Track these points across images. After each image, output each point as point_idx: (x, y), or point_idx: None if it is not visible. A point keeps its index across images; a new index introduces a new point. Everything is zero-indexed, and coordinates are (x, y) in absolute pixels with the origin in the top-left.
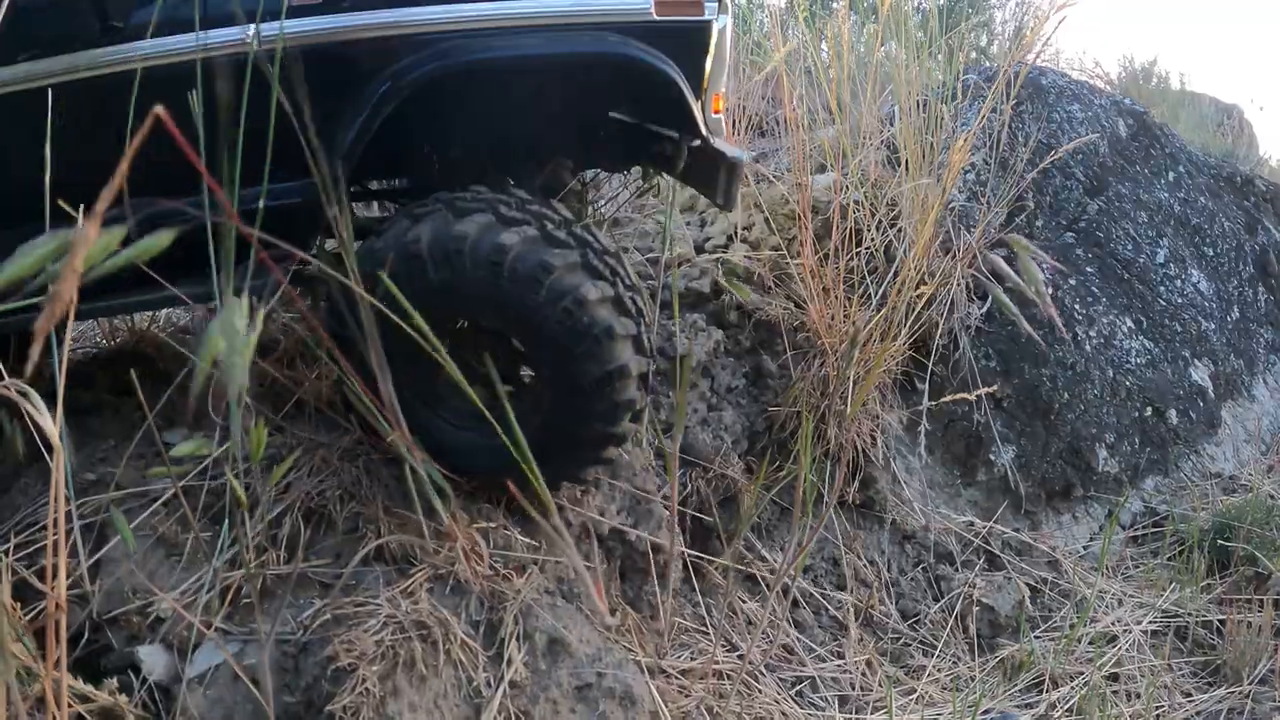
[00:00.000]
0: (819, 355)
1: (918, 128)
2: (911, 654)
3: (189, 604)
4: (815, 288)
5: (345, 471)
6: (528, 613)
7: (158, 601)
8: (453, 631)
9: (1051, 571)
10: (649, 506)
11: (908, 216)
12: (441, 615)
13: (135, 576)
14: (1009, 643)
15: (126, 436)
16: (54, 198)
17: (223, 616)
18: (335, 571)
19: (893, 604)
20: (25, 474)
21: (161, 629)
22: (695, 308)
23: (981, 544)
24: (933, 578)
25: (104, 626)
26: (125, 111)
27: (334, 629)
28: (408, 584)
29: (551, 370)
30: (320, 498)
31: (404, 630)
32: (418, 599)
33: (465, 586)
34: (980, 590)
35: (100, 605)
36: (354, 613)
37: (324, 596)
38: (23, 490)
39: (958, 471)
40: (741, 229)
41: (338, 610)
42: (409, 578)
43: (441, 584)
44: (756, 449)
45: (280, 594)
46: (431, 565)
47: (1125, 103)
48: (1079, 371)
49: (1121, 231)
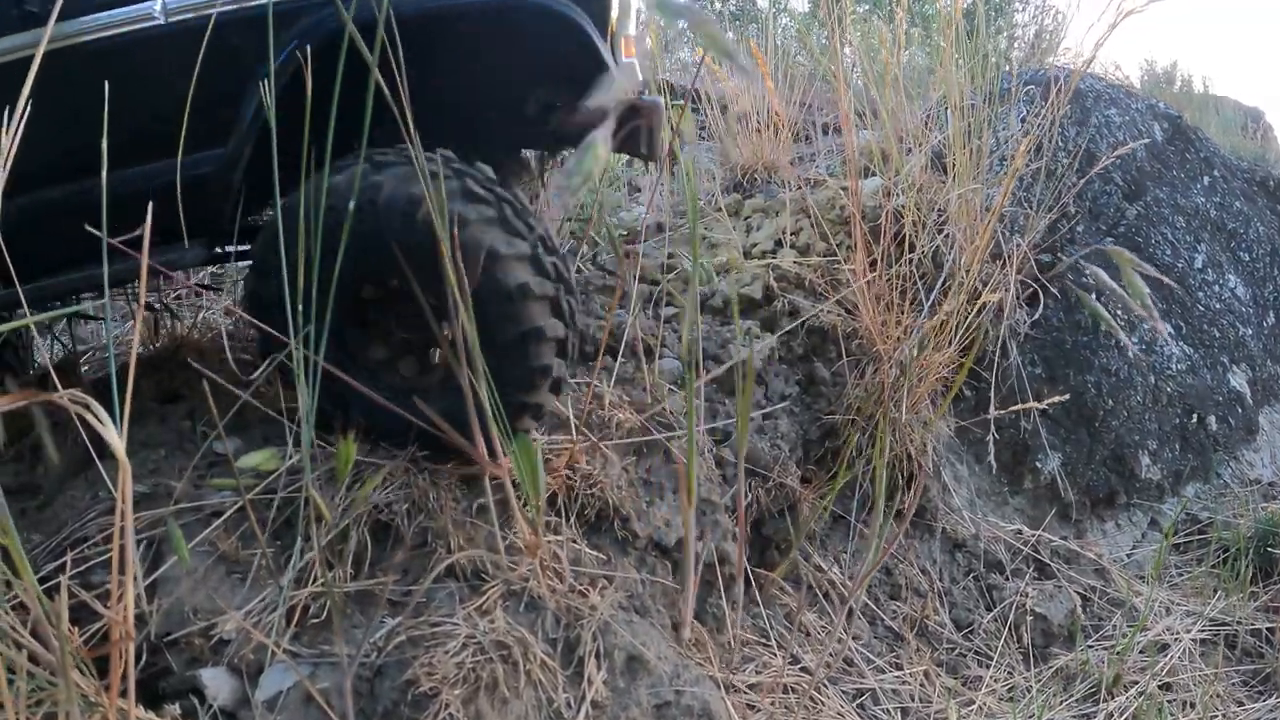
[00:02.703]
0: (872, 362)
1: (963, 132)
2: (967, 664)
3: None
4: (868, 294)
5: (413, 483)
6: (606, 630)
7: (221, 621)
8: (532, 651)
9: (1099, 580)
10: (714, 517)
11: (955, 222)
12: (520, 634)
13: (196, 595)
14: (1062, 652)
15: (178, 446)
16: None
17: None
18: (404, 588)
19: (946, 613)
20: (70, 485)
21: (226, 651)
22: (746, 314)
23: (1030, 552)
24: (984, 587)
25: (163, 649)
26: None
27: (411, 650)
28: (481, 601)
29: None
30: (388, 511)
31: (484, 651)
32: (494, 617)
33: (539, 603)
34: (1032, 599)
35: (159, 626)
36: (430, 633)
37: (395, 615)
38: (69, 503)
39: (1005, 479)
40: (789, 234)
41: (413, 630)
42: (482, 595)
43: (515, 601)
44: (811, 457)
45: (350, 613)
46: (504, 581)
47: (1160, 107)
48: (1122, 378)
49: (1160, 236)
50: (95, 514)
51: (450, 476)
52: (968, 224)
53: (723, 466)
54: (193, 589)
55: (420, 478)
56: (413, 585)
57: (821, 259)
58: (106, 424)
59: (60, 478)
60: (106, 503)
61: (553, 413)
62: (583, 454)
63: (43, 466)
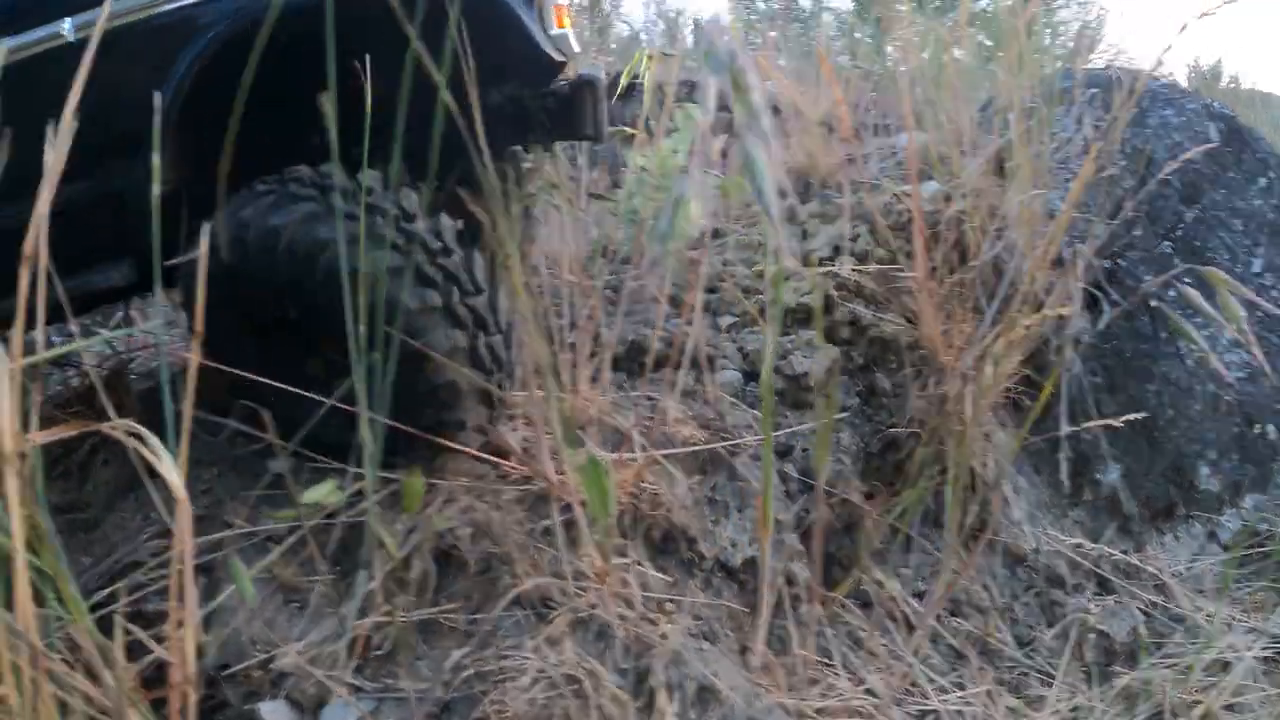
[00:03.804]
0: (935, 373)
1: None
2: (1030, 683)
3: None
4: (930, 302)
5: (476, 508)
6: (677, 659)
7: (280, 654)
8: (602, 683)
9: (1159, 595)
10: (780, 536)
11: (1017, 229)
12: (590, 665)
13: (253, 625)
14: (1124, 670)
15: (230, 466)
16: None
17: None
18: (468, 617)
19: (1008, 630)
20: (119, 505)
21: (285, 684)
22: (806, 324)
23: (1091, 567)
24: (1046, 603)
25: (220, 681)
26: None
27: (480, 685)
28: (549, 631)
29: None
30: (451, 536)
31: (555, 686)
32: (562, 648)
33: (609, 631)
34: (1094, 617)
35: (215, 657)
36: (500, 667)
37: (460, 645)
38: (118, 525)
39: (1064, 491)
40: (847, 240)
41: (481, 663)
42: (549, 623)
43: (584, 629)
44: (872, 470)
45: (414, 644)
46: (572, 609)
47: (1215, 106)
48: (1182, 387)
49: (1218, 241)
50: (147, 536)
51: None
52: (1030, 230)
53: (786, 482)
54: (249, 619)
55: (482, 501)
56: (477, 614)
57: (881, 266)
58: (164, 458)
59: (108, 496)
60: (158, 525)
61: (614, 428)
62: (648, 472)
63: (91, 484)
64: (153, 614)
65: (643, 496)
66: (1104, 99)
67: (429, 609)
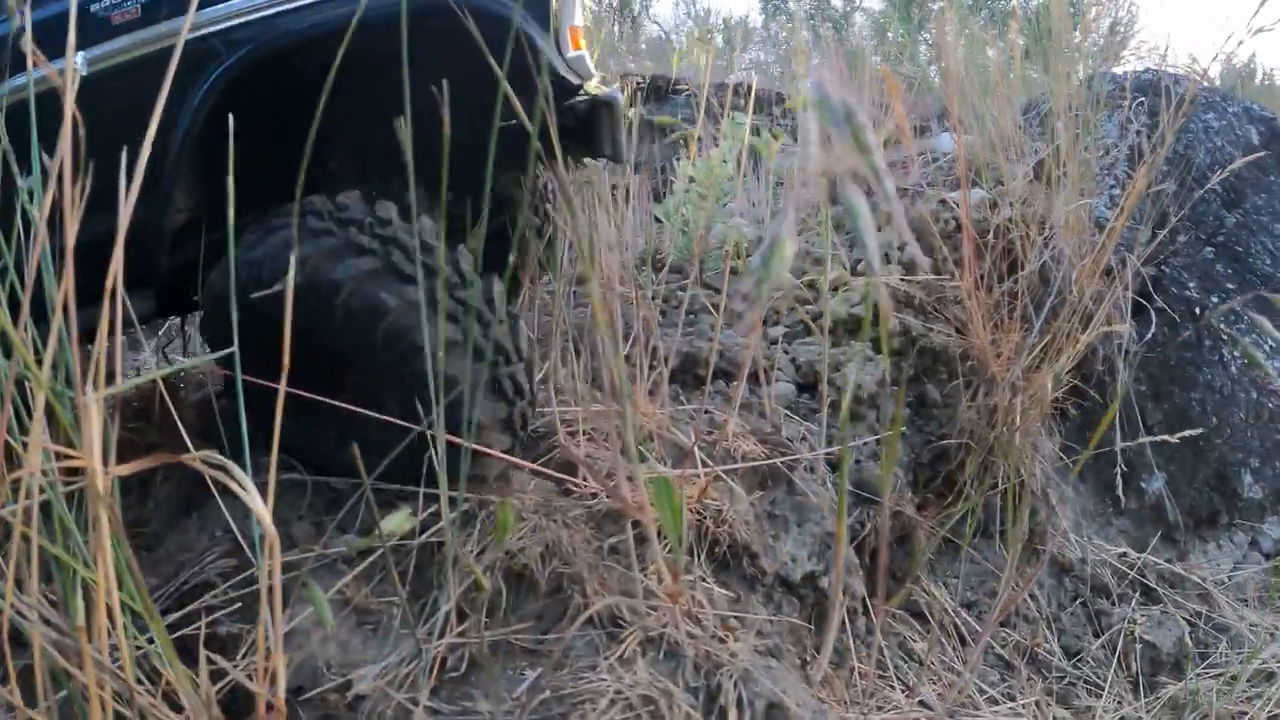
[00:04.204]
0: (984, 384)
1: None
2: (1078, 694)
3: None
4: (979, 312)
5: (546, 527)
6: (746, 678)
7: (357, 678)
8: (676, 703)
9: (1204, 604)
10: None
11: (1064, 237)
12: (664, 685)
13: (328, 648)
14: (1170, 681)
15: (293, 483)
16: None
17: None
18: (537, 637)
19: (1055, 641)
20: (181, 523)
21: (363, 707)
22: (856, 334)
23: (1136, 576)
24: (1092, 612)
25: (296, 705)
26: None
27: (558, 708)
28: (622, 650)
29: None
30: (521, 556)
31: (632, 707)
32: (635, 668)
33: (679, 650)
34: (1141, 626)
35: (290, 681)
36: (576, 689)
37: (534, 666)
38: (182, 544)
39: (1108, 500)
40: (894, 248)
41: (557, 685)
42: (621, 643)
43: (654, 648)
44: (922, 481)
45: (488, 666)
46: (642, 628)
47: (1255, 109)
48: (1226, 394)
49: (1260, 245)
50: (214, 556)
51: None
52: (1077, 239)
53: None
54: (324, 641)
55: (552, 520)
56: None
57: (929, 275)
58: (251, 493)
59: (170, 513)
60: (224, 544)
61: (675, 444)
62: (711, 488)
63: (151, 501)
64: (225, 636)
65: (706, 513)
66: (1148, 104)
67: (501, 629)
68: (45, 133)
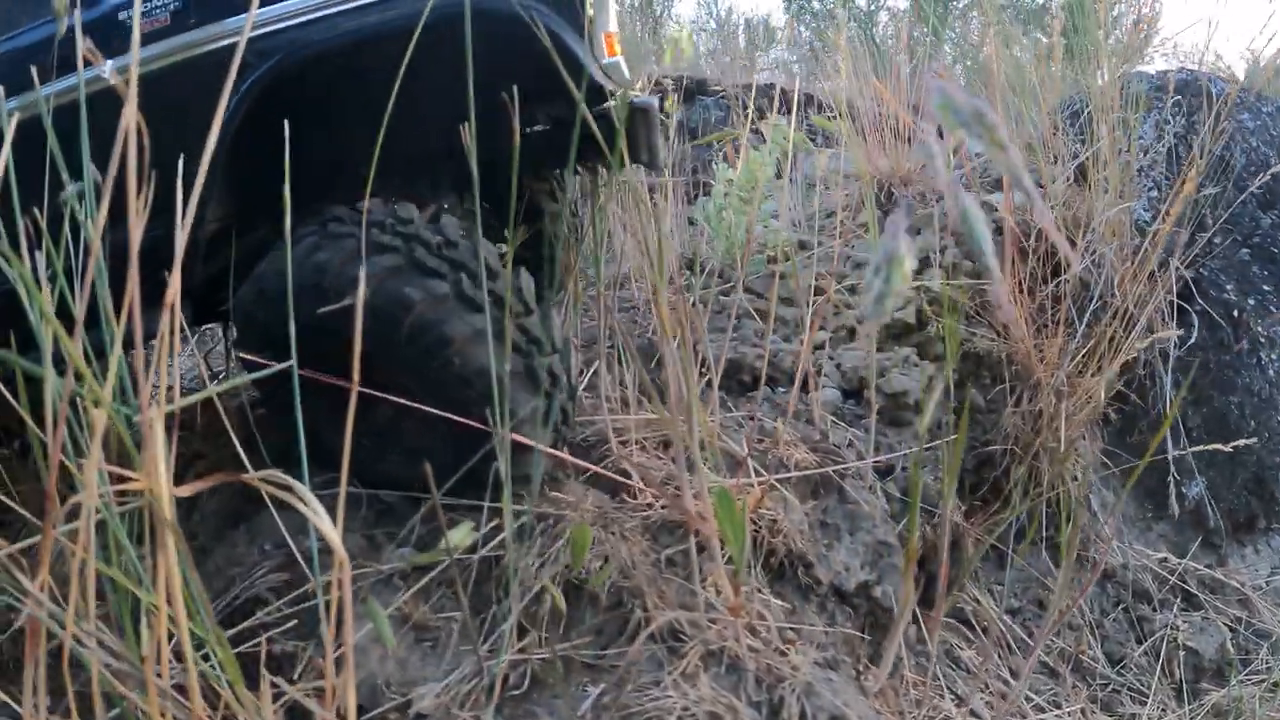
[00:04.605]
0: (1029, 389)
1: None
2: (1122, 701)
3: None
4: (1022, 316)
5: (604, 539)
6: (809, 691)
7: (418, 696)
8: (740, 718)
9: (1244, 610)
10: (892, 560)
11: (1105, 240)
12: (729, 701)
13: (387, 666)
14: (1213, 687)
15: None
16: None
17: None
18: (597, 652)
19: (1099, 647)
20: (229, 535)
21: None
22: (901, 339)
23: (1177, 582)
24: (1134, 618)
25: None
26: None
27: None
28: (684, 665)
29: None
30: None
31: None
32: (698, 683)
33: (740, 664)
34: (1183, 633)
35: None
36: (641, 705)
37: (596, 682)
38: (231, 558)
39: (1149, 505)
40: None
41: (622, 701)
42: (682, 658)
43: (715, 662)
44: (969, 488)
45: (551, 682)
46: (703, 641)
47: None
48: (1264, 398)
49: None
50: (265, 570)
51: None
52: (1118, 243)
53: (890, 501)
54: (382, 659)
55: (610, 532)
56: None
57: (971, 279)
58: (320, 514)
59: (217, 525)
60: (276, 558)
61: (727, 452)
62: (766, 498)
63: (199, 514)
64: (281, 655)
65: (761, 522)
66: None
67: (561, 644)
68: (71, 138)
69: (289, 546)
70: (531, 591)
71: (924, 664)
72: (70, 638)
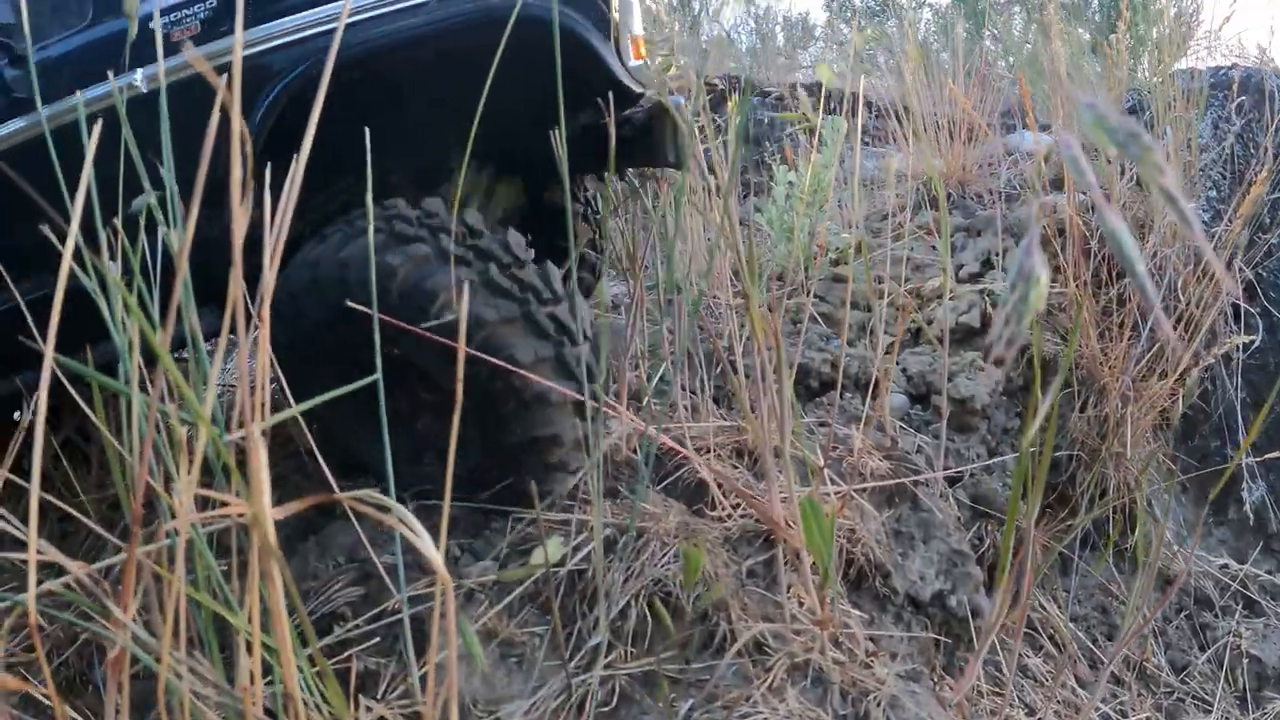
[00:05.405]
0: (1095, 394)
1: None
2: (1186, 709)
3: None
4: (1089, 321)
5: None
6: (894, 704)
7: (506, 714)
8: None
9: None
10: (965, 569)
11: (1167, 243)
12: (816, 715)
13: (473, 683)
14: (1276, 695)
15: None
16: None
17: None
18: (681, 666)
19: (1162, 654)
20: (299, 548)
21: None
22: (964, 343)
23: (1239, 588)
24: (1196, 625)
25: None
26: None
27: None
28: (770, 679)
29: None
30: (666, 583)
31: None
32: (785, 696)
33: (825, 677)
34: (1246, 640)
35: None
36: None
37: (684, 697)
38: (303, 571)
39: (1209, 510)
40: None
41: (712, 717)
42: (769, 671)
43: (801, 675)
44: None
45: (639, 698)
46: (788, 654)
47: None
48: None
49: None
50: (341, 584)
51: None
52: (1181, 245)
53: (961, 509)
54: (468, 675)
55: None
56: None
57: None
58: (422, 536)
59: (286, 538)
60: (350, 572)
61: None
62: (844, 507)
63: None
64: (364, 673)
65: (840, 532)
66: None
67: (647, 659)
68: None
69: (361, 559)
70: (618, 606)
71: (994, 673)
72: (167, 669)
